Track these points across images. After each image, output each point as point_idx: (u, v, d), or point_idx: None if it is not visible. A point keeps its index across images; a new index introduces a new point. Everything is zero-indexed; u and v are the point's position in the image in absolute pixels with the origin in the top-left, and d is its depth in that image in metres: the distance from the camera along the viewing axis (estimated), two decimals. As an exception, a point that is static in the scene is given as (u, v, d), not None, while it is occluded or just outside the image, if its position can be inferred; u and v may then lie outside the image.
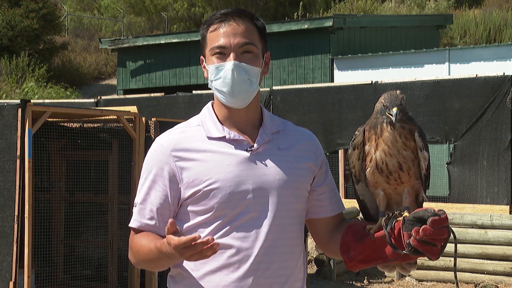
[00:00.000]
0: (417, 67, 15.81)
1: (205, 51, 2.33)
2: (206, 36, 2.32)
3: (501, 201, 9.55)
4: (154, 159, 2.29)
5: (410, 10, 24.49)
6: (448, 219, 2.12)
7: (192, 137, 2.29)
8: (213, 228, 2.22)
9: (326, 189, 2.40)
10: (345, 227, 2.36)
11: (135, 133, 6.76)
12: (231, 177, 2.22)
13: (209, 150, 2.26)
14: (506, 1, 27.11)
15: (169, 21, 29.14)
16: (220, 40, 2.27)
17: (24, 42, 22.98)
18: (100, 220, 6.96)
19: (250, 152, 2.27)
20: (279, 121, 2.40)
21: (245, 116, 2.33)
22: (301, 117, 11.06)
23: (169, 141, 2.29)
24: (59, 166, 6.85)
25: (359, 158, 2.32)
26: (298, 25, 16.87)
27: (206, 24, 2.33)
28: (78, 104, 13.21)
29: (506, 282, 8.43)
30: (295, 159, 2.33)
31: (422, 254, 2.15)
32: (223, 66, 2.27)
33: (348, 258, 2.29)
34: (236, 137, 2.29)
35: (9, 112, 5.98)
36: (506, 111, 9.61)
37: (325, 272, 9.09)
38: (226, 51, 2.27)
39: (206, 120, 2.33)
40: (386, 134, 2.23)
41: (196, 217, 2.24)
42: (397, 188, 2.28)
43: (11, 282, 5.83)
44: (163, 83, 18.74)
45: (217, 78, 2.28)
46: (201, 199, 2.22)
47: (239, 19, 2.29)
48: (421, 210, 2.14)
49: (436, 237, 2.10)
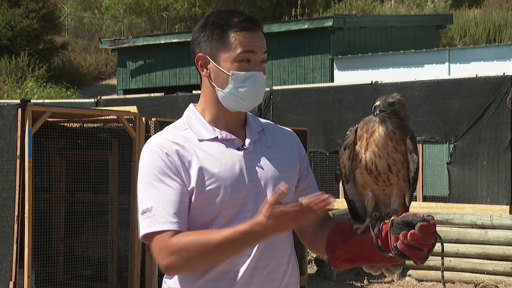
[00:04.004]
0: (417, 67, 15.81)
1: (220, 53, 2.25)
2: (226, 36, 2.24)
3: (501, 201, 9.55)
4: (153, 159, 2.22)
5: (409, 10, 24.49)
6: (436, 225, 2.13)
7: (184, 139, 2.25)
8: (214, 227, 2.21)
9: (309, 185, 2.41)
10: (332, 225, 2.36)
11: (135, 133, 6.76)
12: (229, 176, 2.22)
13: (204, 151, 2.24)
14: (506, 1, 27.10)
15: (169, 21, 29.14)
16: (253, 47, 2.24)
17: (24, 42, 22.98)
18: (100, 220, 6.96)
19: (243, 151, 2.27)
20: (260, 121, 2.41)
21: (234, 116, 2.32)
22: (301, 117, 11.06)
23: (163, 142, 2.23)
24: (59, 166, 6.85)
25: (350, 158, 2.33)
26: (298, 25, 16.87)
27: (225, 24, 2.24)
28: (78, 104, 13.21)
29: (506, 282, 8.44)
30: (283, 156, 2.34)
31: (408, 258, 2.16)
32: (252, 76, 2.25)
33: (334, 257, 2.30)
34: (228, 136, 2.27)
35: (9, 112, 5.98)
36: (506, 111, 9.60)
37: (325, 272, 9.10)
38: (254, 59, 2.25)
39: (192, 123, 2.30)
40: (376, 135, 2.24)
41: (198, 217, 2.23)
42: (386, 190, 2.29)
43: (11, 282, 5.84)
44: (163, 83, 18.75)
45: (243, 86, 2.24)
46: (203, 200, 2.21)
47: (259, 28, 2.28)
48: (410, 215, 2.15)
49: (423, 242, 2.11)
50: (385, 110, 2.24)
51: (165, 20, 28.96)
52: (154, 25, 29.92)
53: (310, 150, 10.34)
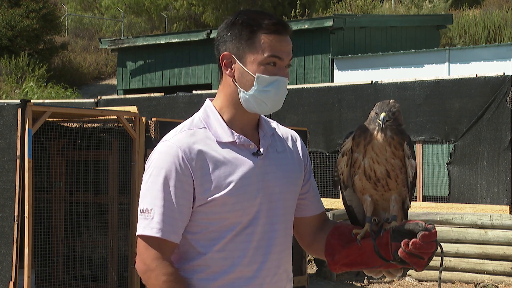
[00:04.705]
0: (417, 67, 15.80)
1: (247, 53, 2.21)
2: (255, 37, 2.21)
3: (501, 201, 9.54)
4: (167, 161, 2.17)
5: (408, 10, 24.48)
6: (437, 233, 2.16)
7: (202, 141, 2.21)
8: (227, 236, 2.20)
9: (310, 188, 2.41)
10: (330, 228, 2.36)
11: (135, 133, 6.76)
12: (246, 184, 2.20)
13: (222, 156, 2.21)
14: (506, 1, 27.11)
15: (169, 20, 29.14)
16: (282, 52, 2.22)
17: (24, 42, 22.98)
18: (100, 220, 6.96)
19: (258, 157, 2.26)
20: (270, 123, 2.40)
21: (251, 118, 2.31)
22: (301, 117, 11.06)
23: (182, 143, 2.19)
24: (59, 166, 6.85)
25: (348, 165, 2.34)
26: (298, 25, 16.86)
27: (256, 25, 2.21)
28: (78, 104, 13.21)
29: (506, 282, 8.43)
30: (290, 162, 2.34)
31: (408, 265, 2.18)
32: (277, 80, 2.23)
33: (333, 261, 2.31)
34: (246, 142, 2.25)
35: (9, 112, 5.98)
36: (506, 111, 9.60)
37: (325, 272, 9.10)
38: (280, 64, 2.23)
39: (211, 122, 2.25)
40: (374, 141, 2.25)
41: (210, 225, 2.21)
42: (385, 195, 2.30)
43: (11, 282, 5.84)
44: (163, 83, 18.74)
45: (267, 90, 2.22)
46: (218, 207, 2.18)
47: (288, 32, 2.26)
48: (412, 223, 2.18)
49: (424, 251, 2.14)
50: (389, 120, 2.26)
51: (165, 19, 28.96)
52: (154, 25, 29.92)
53: (310, 150, 10.34)
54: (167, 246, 2.18)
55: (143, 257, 2.18)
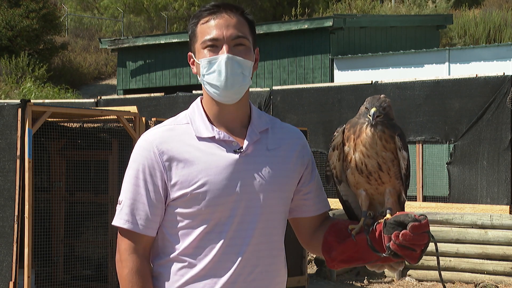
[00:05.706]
0: (417, 67, 15.81)
1: (195, 46, 2.26)
2: (196, 29, 2.25)
3: (501, 201, 9.55)
4: (141, 156, 2.22)
5: (409, 10, 24.49)
6: (428, 224, 2.11)
7: (180, 136, 2.23)
8: (200, 232, 2.19)
9: (312, 189, 2.38)
10: (328, 225, 2.35)
11: (135, 133, 6.76)
12: (219, 180, 2.18)
13: (198, 151, 2.21)
14: (506, 1, 27.12)
15: (169, 20, 29.14)
16: (212, 32, 2.21)
17: (24, 42, 22.98)
18: (100, 220, 6.96)
19: (239, 154, 2.22)
20: (267, 119, 2.35)
21: (235, 113, 2.28)
22: (301, 117, 11.06)
23: (157, 138, 2.22)
24: (59, 166, 6.85)
25: (339, 159, 2.32)
26: (298, 25, 16.87)
27: (196, 18, 2.26)
28: (78, 104, 13.21)
29: (506, 282, 8.44)
30: (282, 160, 2.30)
31: (402, 258, 2.15)
32: (216, 59, 2.21)
33: (330, 258, 2.29)
34: (226, 138, 2.23)
35: (9, 112, 5.98)
36: (506, 111, 9.61)
37: (325, 272, 9.10)
38: (219, 44, 2.21)
39: (195, 117, 2.27)
40: (363, 135, 2.23)
41: (183, 220, 2.21)
42: (379, 188, 2.28)
43: (11, 282, 5.84)
44: (163, 83, 18.75)
45: (210, 72, 2.22)
46: (189, 202, 2.18)
47: (230, 11, 2.24)
48: (402, 215, 2.14)
49: (415, 242, 2.10)
50: (380, 115, 2.24)
51: (165, 19, 28.96)
52: (154, 24, 29.92)
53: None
54: (137, 238, 2.21)
55: (118, 247, 2.24)
